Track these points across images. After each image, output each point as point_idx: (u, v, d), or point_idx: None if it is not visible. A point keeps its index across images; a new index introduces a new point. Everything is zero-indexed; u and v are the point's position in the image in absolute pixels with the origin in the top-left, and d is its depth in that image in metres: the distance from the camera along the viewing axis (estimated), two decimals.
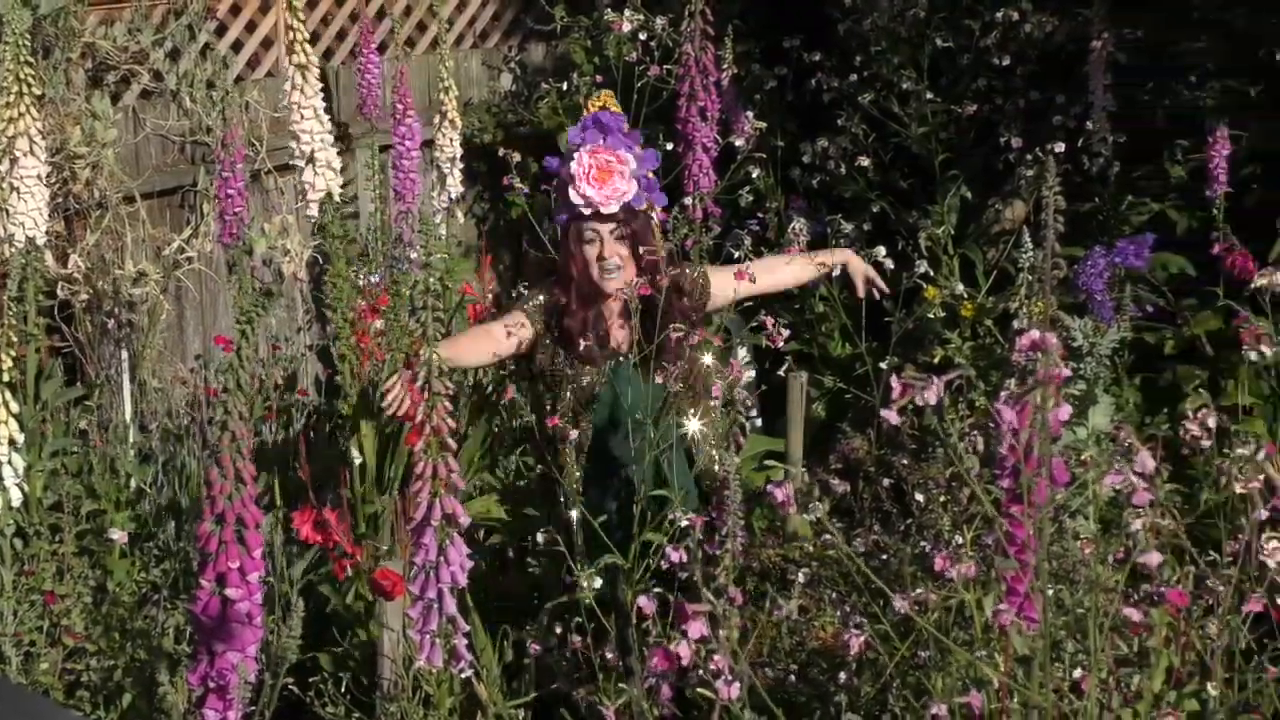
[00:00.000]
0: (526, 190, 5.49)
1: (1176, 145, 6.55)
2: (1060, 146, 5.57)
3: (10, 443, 4.35)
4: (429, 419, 3.09)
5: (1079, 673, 3.07)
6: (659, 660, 3.03)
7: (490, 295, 5.50)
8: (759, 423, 6.14)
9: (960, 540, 3.22)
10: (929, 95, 6.79)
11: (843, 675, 3.35)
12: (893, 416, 2.92)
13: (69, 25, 5.97)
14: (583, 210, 4.39)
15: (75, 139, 5.89)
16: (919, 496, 3.62)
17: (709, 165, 5.31)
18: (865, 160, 6.63)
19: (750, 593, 3.83)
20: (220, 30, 6.67)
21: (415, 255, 5.56)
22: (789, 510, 3.32)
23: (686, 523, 3.53)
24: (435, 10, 6.01)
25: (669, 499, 3.99)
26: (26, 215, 5.01)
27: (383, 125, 6.16)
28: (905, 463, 3.76)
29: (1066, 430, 4.11)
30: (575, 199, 4.39)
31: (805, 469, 4.60)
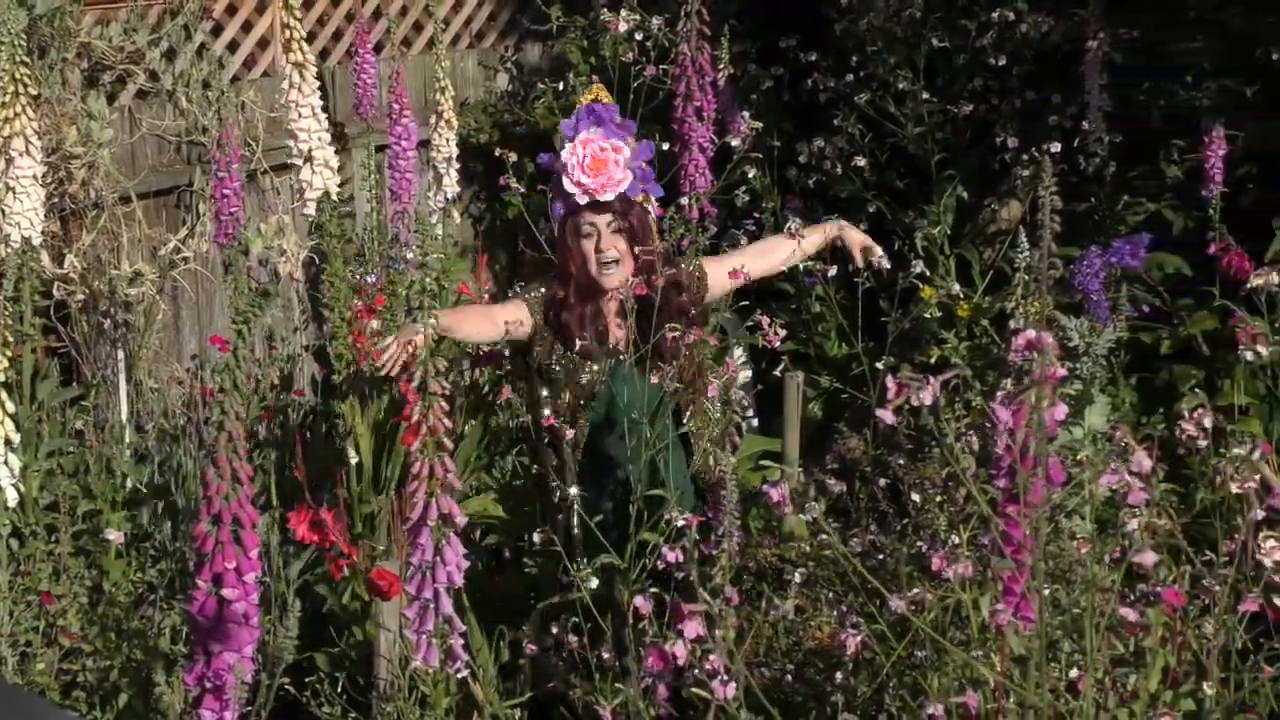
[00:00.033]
0: (523, 190, 5.49)
1: (1172, 145, 6.55)
2: (1056, 146, 5.57)
3: (6, 443, 4.35)
4: (425, 419, 3.09)
5: (1075, 672, 3.08)
6: (654, 660, 3.03)
7: (486, 295, 5.49)
8: (755, 423, 6.15)
9: (957, 540, 3.22)
10: (925, 95, 6.79)
11: (839, 675, 3.35)
12: (888, 416, 2.93)
13: (64, 25, 5.96)
14: (578, 199, 4.39)
15: (71, 139, 5.89)
16: (915, 496, 3.62)
17: (705, 165, 5.31)
18: (861, 160, 6.63)
19: (747, 593, 3.83)
20: (216, 30, 6.67)
21: (411, 255, 5.56)
22: (785, 510, 3.32)
23: (683, 522, 3.53)
24: (431, 10, 6.01)
25: (665, 498, 3.99)
26: (22, 215, 5.01)
27: (379, 125, 6.16)
28: (902, 463, 3.76)
29: (1063, 430, 4.11)
30: (570, 187, 4.39)
31: (802, 469, 4.61)
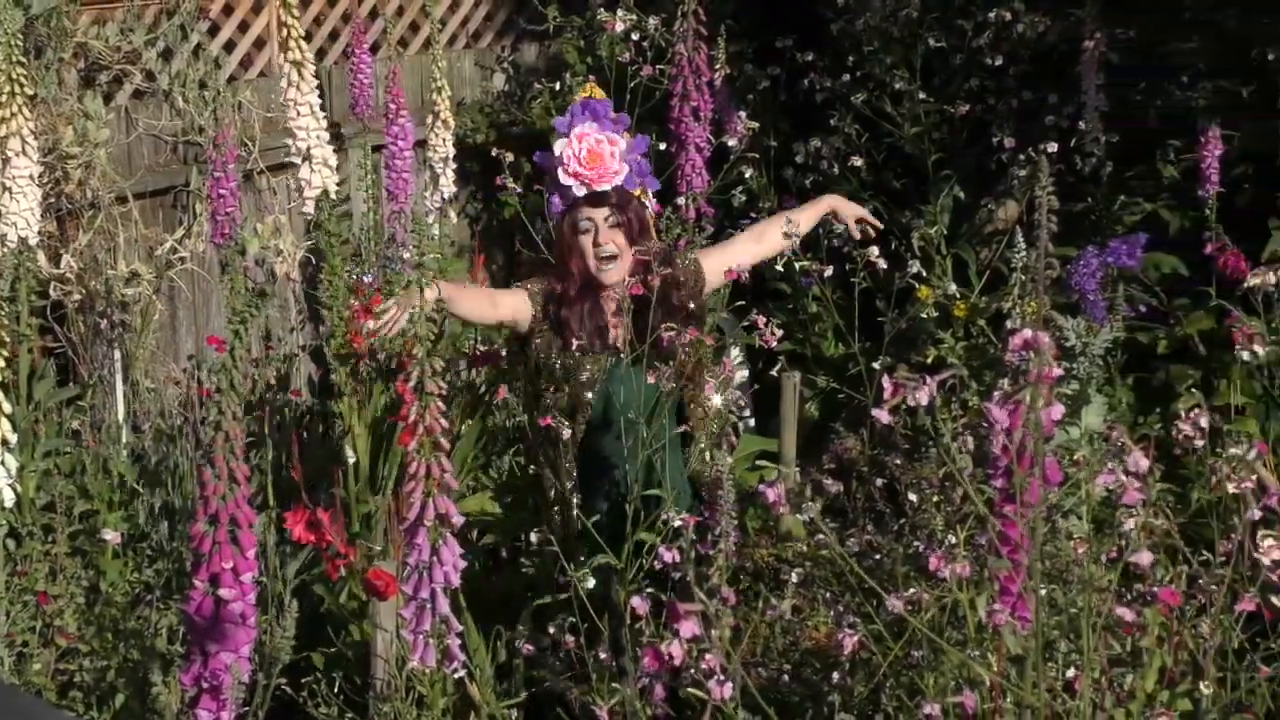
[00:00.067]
0: (519, 190, 5.49)
1: (1169, 145, 6.56)
2: (1053, 146, 5.57)
3: (3, 443, 4.34)
4: (422, 419, 3.09)
5: (1072, 672, 3.08)
6: (651, 660, 3.03)
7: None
8: (752, 423, 6.15)
9: (953, 540, 3.22)
10: (922, 95, 6.79)
11: (836, 675, 3.35)
12: (885, 416, 2.93)
13: (61, 25, 5.96)
14: (575, 191, 4.39)
15: (68, 139, 5.89)
16: (912, 496, 3.62)
17: (702, 165, 5.32)
18: (858, 160, 6.64)
19: (744, 593, 3.83)
20: (213, 30, 6.67)
21: (408, 255, 5.56)
22: (782, 510, 3.32)
23: (680, 523, 3.53)
24: (428, 10, 6.01)
25: (662, 498, 3.99)
26: (19, 215, 5.02)
27: (375, 125, 6.16)
28: (898, 462, 3.76)
29: (1060, 430, 4.11)
30: (566, 179, 4.40)
31: (798, 469, 4.60)
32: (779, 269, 5.43)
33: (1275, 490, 3.02)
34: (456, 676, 3.38)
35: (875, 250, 5.08)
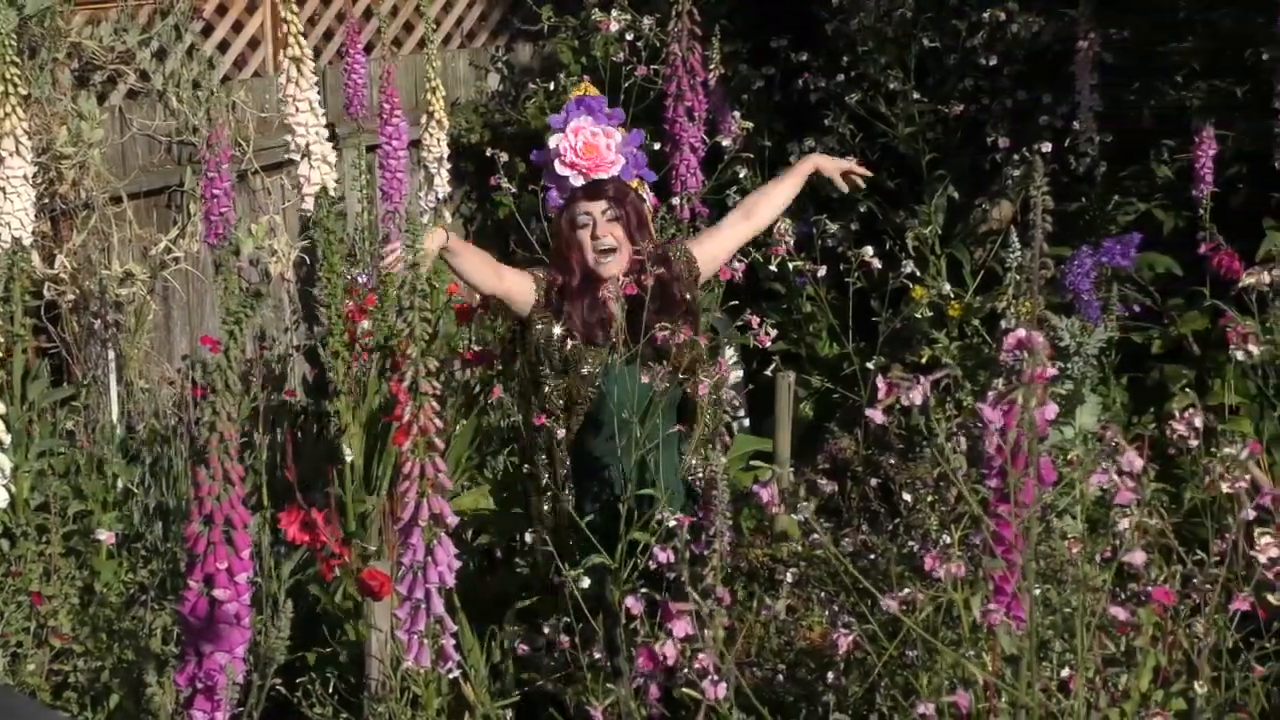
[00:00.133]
0: (514, 190, 5.49)
1: (1163, 145, 6.56)
2: (1047, 146, 5.58)
3: None
4: (416, 419, 3.09)
5: (1067, 672, 3.08)
6: (645, 660, 3.03)
7: (478, 295, 5.48)
8: (746, 423, 6.15)
9: (948, 540, 3.22)
10: (916, 95, 6.80)
11: (830, 675, 3.35)
12: (878, 416, 2.93)
13: (55, 25, 5.96)
14: (572, 181, 4.40)
15: (61, 139, 5.88)
16: (906, 496, 3.62)
17: (696, 165, 5.32)
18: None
19: (738, 593, 3.83)
20: (207, 30, 6.66)
21: (401, 267, 5.55)
22: (776, 510, 3.32)
23: (674, 523, 3.53)
24: (422, 10, 6.00)
25: (655, 498, 3.99)
26: (13, 215, 5.01)
27: (369, 125, 6.15)
28: (893, 462, 3.77)
29: (1054, 430, 4.12)
30: (564, 170, 4.40)
31: (793, 469, 4.61)
32: (773, 269, 5.44)
33: (1269, 490, 3.03)
34: (451, 677, 3.38)
35: (870, 250, 5.09)
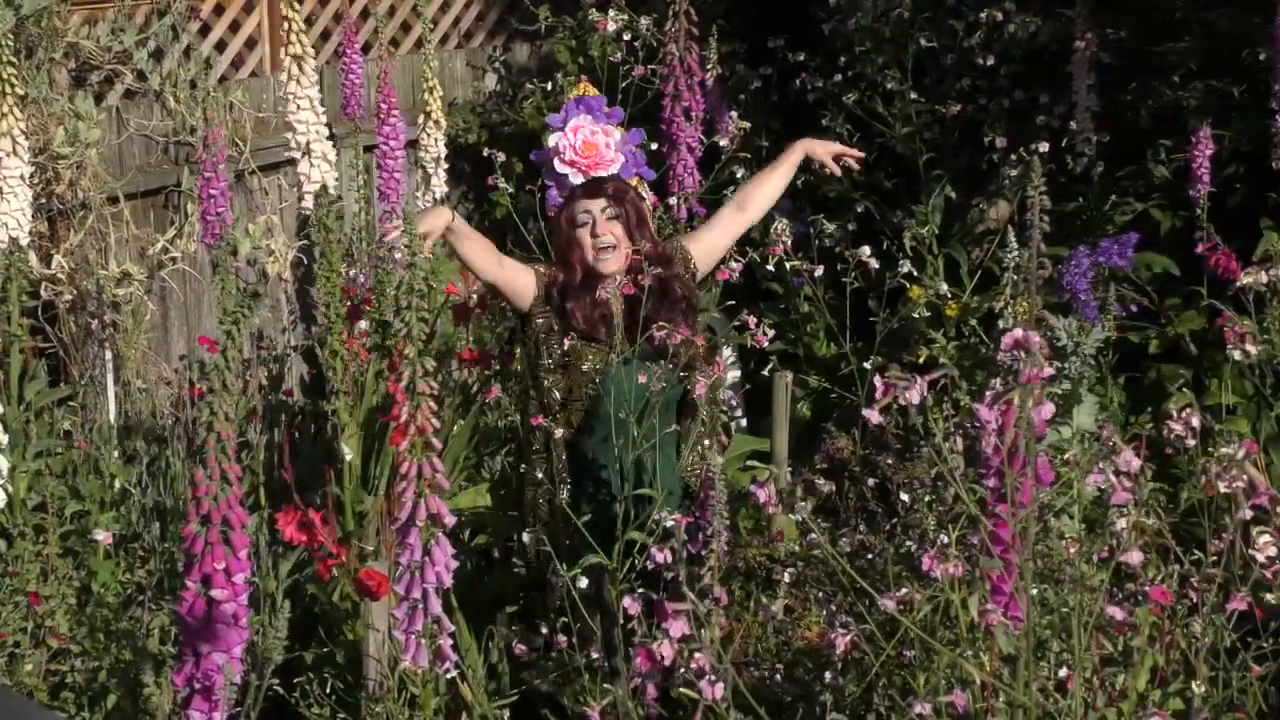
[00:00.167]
0: (511, 190, 5.49)
1: (1160, 145, 6.56)
2: (1044, 146, 5.57)
3: None
4: (413, 419, 3.09)
5: (1064, 672, 3.08)
6: (643, 660, 3.03)
7: (475, 296, 5.49)
8: (744, 423, 6.16)
9: (945, 540, 3.22)
10: (913, 95, 6.79)
11: (828, 675, 3.35)
12: (876, 416, 2.93)
13: (52, 25, 5.95)
14: (572, 179, 4.40)
15: (59, 139, 5.88)
16: (904, 496, 3.62)
17: (694, 165, 5.32)
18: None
19: (735, 593, 3.83)
20: (204, 30, 6.66)
21: (400, 255, 5.55)
22: (773, 510, 3.33)
23: (672, 523, 3.52)
24: (419, 10, 6.00)
25: (652, 498, 3.99)
26: (10, 216, 5.01)
27: (367, 125, 6.15)
28: (890, 462, 3.76)
29: (1051, 429, 4.12)
30: (563, 168, 4.41)
31: (790, 469, 4.61)
32: (771, 269, 5.44)
33: (1265, 490, 3.03)
34: (449, 677, 3.38)
35: (867, 250, 5.09)
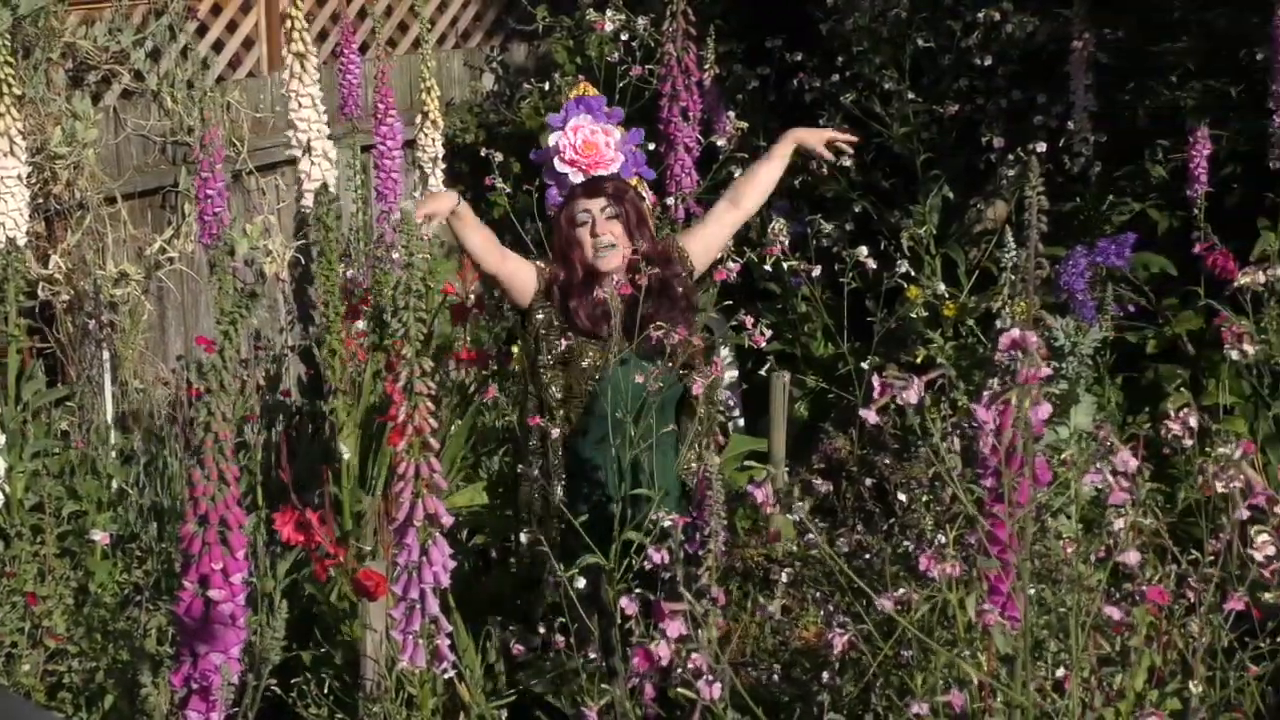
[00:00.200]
0: (509, 190, 5.49)
1: (1157, 145, 6.56)
2: (1042, 146, 5.57)
3: None
4: (411, 419, 3.09)
5: (1061, 672, 3.08)
6: (641, 660, 3.03)
7: (473, 295, 5.49)
8: (741, 423, 6.16)
9: (943, 540, 3.22)
10: (911, 95, 6.79)
11: (826, 675, 3.35)
12: (873, 416, 2.93)
13: (49, 25, 5.95)
14: (572, 178, 4.41)
15: (56, 139, 5.88)
16: (901, 496, 3.62)
17: (691, 165, 5.32)
18: (847, 160, 6.62)
19: (733, 593, 3.83)
20: (201, 30, 6.66)
21: (397, 255, 5.55)
22: (770, 510, 3.32)
23: (669, 523, 3.52)
24: (417, 10, 6.00)
25: (649, 498, 3.99)
26: (7, 216, 5.01)
27: (364, 125, 6.15)
28: (888, 462, 3.76)
29: (1049, 429, 4.12)
30: (563, 167, 4.41)
31: (788, 469, 4.61)
32: (768, 269, 5.44)
33: (1262, 490, 3.03)
34: (446, 677, 3.38)
35: (865, 250, 5.09)
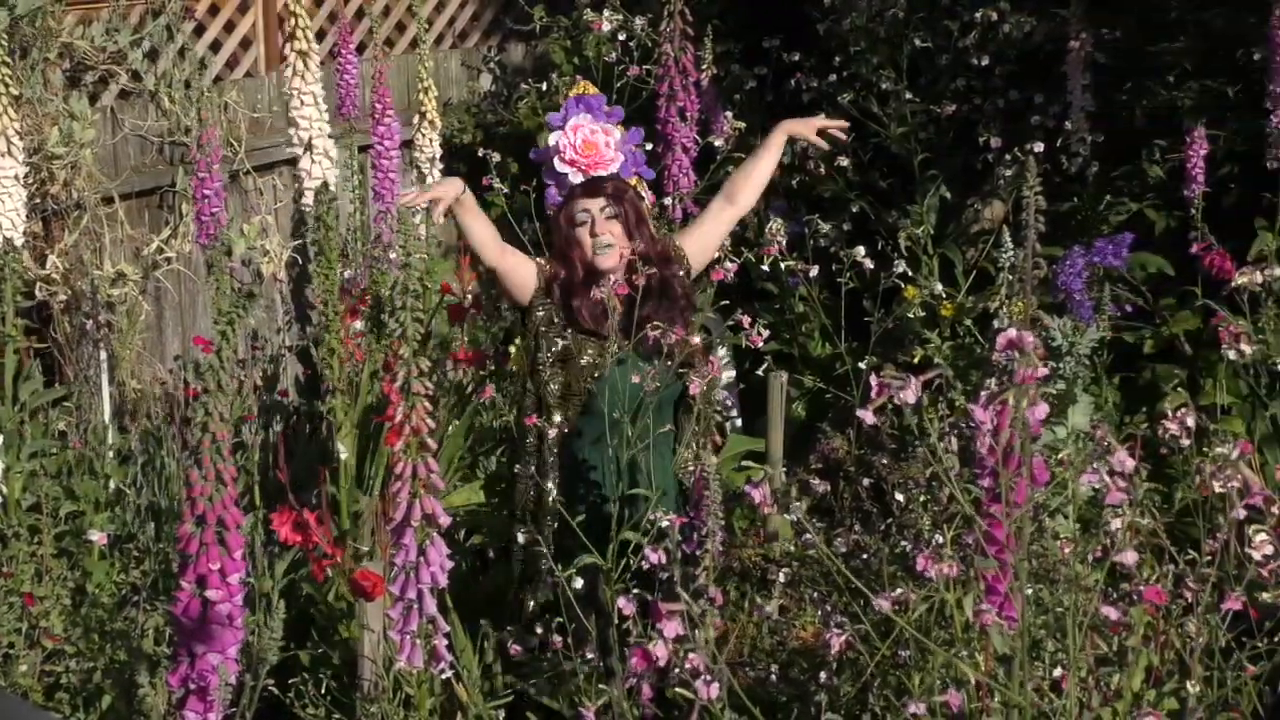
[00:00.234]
0: (506, 191, 5.48)
1: (1155, 145, 6.57)
2: (1039, 146, 5.56)
3: None
4: (408, 419, 3.09)
5: (1059, 672, 3.08)
6: (639, 660, 3.03)
7: (470, 295, 5.48)
8: (739, 423, 6.15)
9: (940, 540, 3.23)
10: (908, 95, 6.79)
11: (823, 675, 3.35)
12: (870, 417, 2.93)
13: (46, 25, 5.95)
14: (572, 178, 4.41)
15: (53, 139, 5.88)
16: (899, 496, 3.62)
17: (689, 165, 5.32)
18: (844, 160, 6.62)
19: (730, 593, 3.83)
20: (199, 30, 6.66)
21: (395, 255, 5.55)
22: (768, 510, 3.32)
23: (667, 523, 3.52)
24: (414, 10, 6.00)
25: (646, 497, 3.98)
26: (4, 216, 5.01)
27: (361, 126, 6.15)
28: (885, 462, 3.76)
29: (1046, 429, 4.12)
30: (563, 167, 4.41)
31: (785, 469, 4.61)
32: (765, 269, 5.44)
33: (1259, 490, 3.03)
34: (444, 677, 3.38)
35: (862, 250, 5.08)
